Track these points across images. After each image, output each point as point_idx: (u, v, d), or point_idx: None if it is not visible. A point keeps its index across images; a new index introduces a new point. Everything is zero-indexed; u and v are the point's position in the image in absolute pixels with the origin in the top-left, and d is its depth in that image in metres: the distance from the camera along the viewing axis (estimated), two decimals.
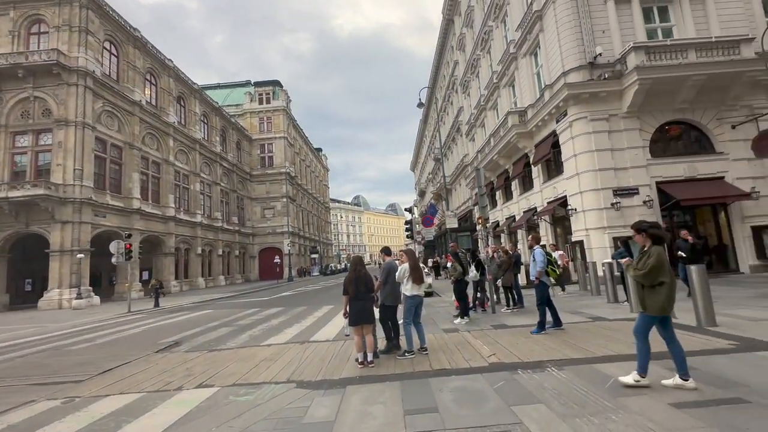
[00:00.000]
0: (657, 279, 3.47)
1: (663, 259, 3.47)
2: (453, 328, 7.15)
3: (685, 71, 12.21)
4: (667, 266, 3.48)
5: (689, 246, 7.94)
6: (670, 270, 3.50)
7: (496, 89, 21.12)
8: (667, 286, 3.45)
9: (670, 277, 3.46)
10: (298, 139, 60.35)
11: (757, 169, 12.96)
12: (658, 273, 3.46)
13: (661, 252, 3.54)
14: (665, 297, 3.45)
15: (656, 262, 3.46)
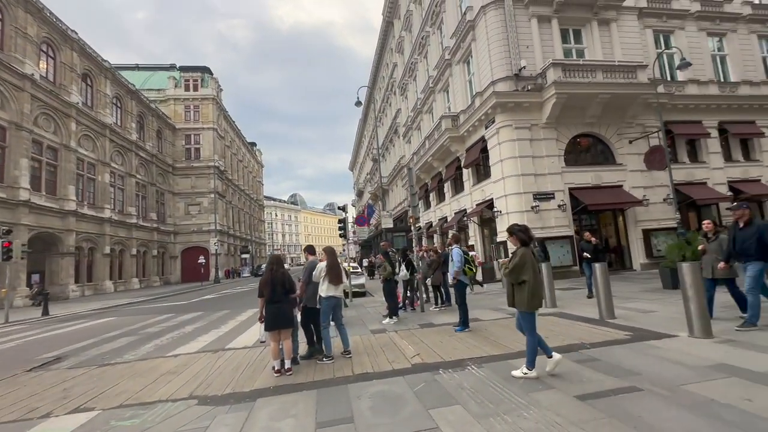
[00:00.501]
0: (520, 277, 3.79)
1: (526, 260, 3.80)
2: (381, 329, 7.01)
3: (593, 89, 13.59)
4: (530, 266, 3.79)
5: (592, 247, 8.73)
6: (534, 270, 3.80)
7: (432, 93, 21.72)
8: (528, 284, 3.74)
9: (532, 276, 3.76)
10: (229, 131, 56.63)
11: (647, 179, 14.87)
12: (521, 272, 3.78)
13: (526, 253, 3.85)
14: (528, 294, 3.73)
15: (519, 261, 3.80)
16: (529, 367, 3.74)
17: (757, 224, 5.07)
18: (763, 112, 16.72)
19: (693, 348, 4.25)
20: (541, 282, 4.07)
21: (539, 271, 4.04)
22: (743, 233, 5.08)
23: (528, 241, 3.95)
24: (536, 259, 3.97)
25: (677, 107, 15.65)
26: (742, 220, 5.18)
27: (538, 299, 3.79)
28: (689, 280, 4.67)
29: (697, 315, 4.64)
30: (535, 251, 4.11)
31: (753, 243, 4.92)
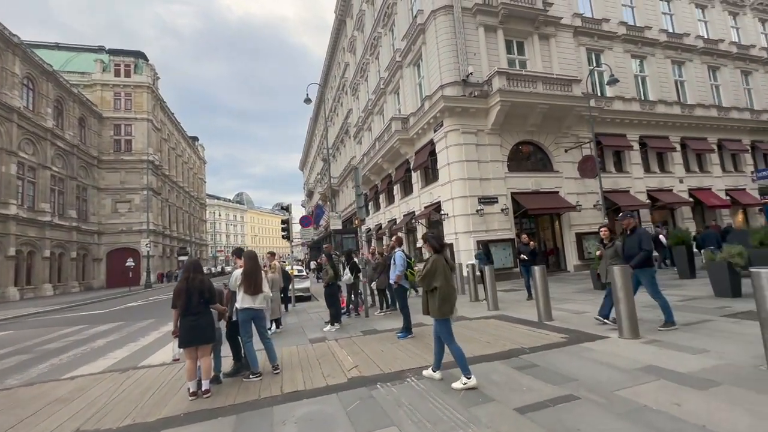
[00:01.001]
0: (431, 284, 3.77)
1: (437, 266, 3.80)
2: (321, 337, 6.57)
3: (534, 99, 14.25)
4: (442, 273, 3.78)
5: (529, 249, 9.01)
6: (446, 276, 3.79)
7: (383, 95, 21.62)
8: (439, 291, 3.72)
9: (443, 283, 3.74)
10: (167, 123, 52.43)
11: (580, 186, 15.91)
12: (432, 278, 3.77)
13: (437, 260, 3.84)
14: (439, 300, 3.71)
15: (430, 268, 3.80)
16: (467, 375, 3.61)
17: (638, 231, 5.42)
18: (675, 129, 18.71)
19: (623, 349, 4.36)
20: (454, 288, 3.89)
21: (452, 277, 3.97)
22: (630, 240, 5.42)
23: (440, 249, 3.94)
24: (448, 266, 3.91)
25: (606, 121, 16.98)
26: (629, 228, 5.51)
27: (449, 306, 3.75)
28: (619, 282, 4.82)
29: (626, 316, 4.80)
30: (448, 259, 4.02)
31: (637, 249, 5.23)
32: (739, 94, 21.04)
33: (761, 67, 22.02)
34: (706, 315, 5.72)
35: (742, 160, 20.74)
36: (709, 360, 3.76)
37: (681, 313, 6.03)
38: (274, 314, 7.46)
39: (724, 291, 7.06)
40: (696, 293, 7.79)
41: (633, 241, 5.35)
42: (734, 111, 20.42)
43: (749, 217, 20.52)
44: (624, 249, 5.49)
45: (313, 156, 56.26)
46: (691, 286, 8.80)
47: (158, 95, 47.37)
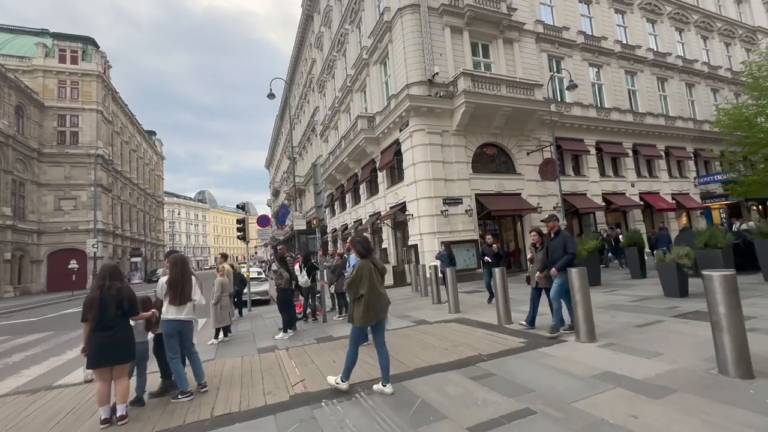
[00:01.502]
0: (357, 291, 3.62)
1: (362, 273, 3.63)
2: (271, 346, 6.09)
3: (498, 101, 14.39)
4: (368, 280, 3.61)
5: (494, 252, 8.97)
6: (372, 284, 3.63)
7: (350, 93, 21.20)
8: (364, 299, 3.59)
9: (368, 291, 3.60)
10: (120, 116, 49.13)
11: (541, 189, 16.28)
12: (357, 286, 3.63)
13: (363, 266, 3.68)
14: (363, 309, 3.59)
15: (356, 275, 3.65)
16: (343, 379, 3.68)
17: (562, 235, 5.37)
18: (628, 136, 19.66)
19: (580, 354, 4.25)
20: (380, 296, 3.70)
21: (380, 282, 3.79)
22: (553, 243, 5.36)
23: (366, 254, 3.77)
24: (377, 271, 3.75)
25: (565, 125, 17.51)
26: (553, 231, 5.47)
27: (372, 314, 3.63)
28: (577, 284, 4.74)
29: (583, 319, 4.73)
30: (377, 263, 3.86)
31: (560, 252, 5.19)
32: (683, 104, 22.48)
33: (703, 80, 23.67)
34: (657, 315, 5.81)
35: (686, 167, 22.16)
36: (662, 364, 3.70)
37: (635, 313, 6.11)
38: (223, 321, 6.91)
39: (672, 291, 7.28)
40: (647, 293, 8.02)
41: (557, 245, 5.28)
42: (679, 120, 21.79)
43: (692, 219, 21.95)
44: (548, 252, 5.38)
45: (280, 154, 54.73)
46: (641, 286, 9.09)
47: (110, 85, 44.27)
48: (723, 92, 24.26)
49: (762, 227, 8.42)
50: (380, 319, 3.75)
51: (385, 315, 3.82)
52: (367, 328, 3.78)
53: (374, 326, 3.77)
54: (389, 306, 3.91)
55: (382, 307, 3.71)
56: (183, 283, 3.99)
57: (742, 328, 3.27)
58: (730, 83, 24.52)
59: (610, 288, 9.22)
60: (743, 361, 3.26)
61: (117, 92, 47.10)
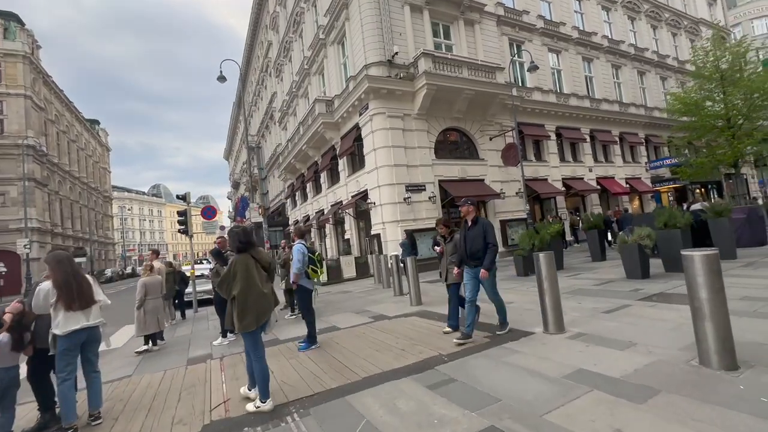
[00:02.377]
0: (230, 292, 3.14)
1: (236, 270, 3.17)
2: (205, 355, 5.27)
3: (460, 84, 13.94)
4: (243, 279, 3.14)
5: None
6: (249, 282, 3.16)
7: (307, 76, 20.05)
8: (237, 300, 3.11)
9: (244, 290, 3.12)
10: (54, 102, 44.56)
11: (504, 174, 16.16)
12: (230, 285, 3.16)
13: (238, 262, 3.21)
14: (238, 312, 3.10)
15: (227, 273, 3.21)
16: (263, 399, 3.13)
17: (481, 222, 4.51)
18: (585, 121, 20.00)
19: (550, 349, 3.80)
20: (261, 297, 3.20)
21: (262, 280, 3.27)
22: (471, 233, 4.48)
23: (243, 247, 3.25)
24: (259, 267, 3.27)
25: (527, 110, 17.45)
26: (470, 218, 4.57)
27: (251, 318, 3.11)
28: (545, 271, 4.30)
29: (551, 308, 4.30)
30: (261, 258, 3.37)
31: (480, 243, 4.39)
32: (636, 92, 23.24)
33: (653, 68, 24.58)
34: (624, 299, 5.55)
35: (638, 152, 23.02)
36: (639, 357, 3.30)
37: (601, 298, 5.84)
38: (149, 328, 5.96)
39: (635, 273, 7.15)
40: (609, 276, 7.89)
41: (476, 234, 4.42)
42: (632, 107, 22.50)
43: (644, 203, 22.92)
44: (466, 243, 4.50)
45: (239, 144, 52.07)
46: (603, 269, 9.02)
47: (39, 67, 39.91)
48: (670, 81, 25.36)
49: (716, 206, 8.54)
50: (264, 323, 3.26)
51: (269, 317, 3.31)
52: (260, 332, 3.26)
53: (250, 333, 3.26)
54: (276, 307, 3.43)
55: (264, 309, 3.19)
56: (78, 282, 3.18)
57: (726, 314, 2.90)
58: (676, 72, 25.66)
59: (573, 272, 9.08)
60: (727, 351, 2.89)
61: (49, 76, 42.61)
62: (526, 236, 9.67)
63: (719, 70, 13.51)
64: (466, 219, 4.58)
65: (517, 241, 11.04)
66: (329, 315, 7.26)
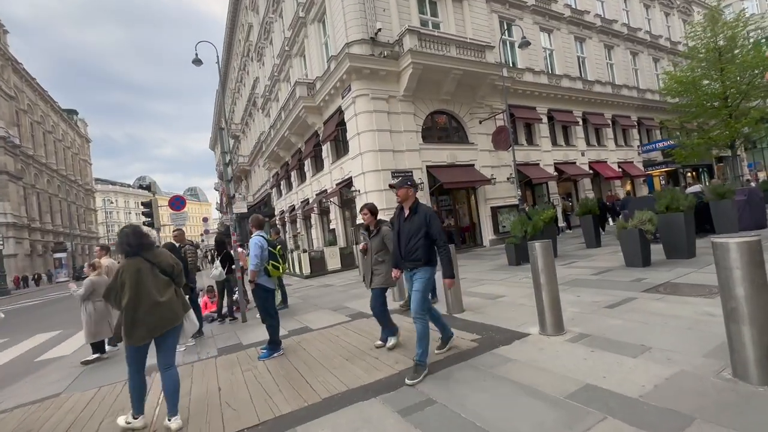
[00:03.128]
0: (119, 303, 2.75)
1: (124, 278, 2.73)
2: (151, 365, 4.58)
3: (448, 63, 13.15)
4: (132, 287, 2.71)
5: None
6: (139, 292, 2.72)
7: (288, 58, 19.02)
8: (125, 311, 2.71)
9: (130, 300, 2.70)
10: (27, 91, 42.55)
11: (495, 159, 15.52)
12: (119, 295, 2.75)
13: (126, 268, 2.76)
14: (128, 323, 2.70)
15: (113, 281, 2.80)
16: (135, 412, 2.85)
17: (423, 212, 3.30)
18: (578, 104, 19.40)
19: (549, 356, 3.20)
20: (154, 307, 2.76)
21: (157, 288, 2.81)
22: (409, 226, 3.30)
23: (133, 250, 2.81)
24: (155, 273, 2.81)
25: (518, 92, 16.74)
26: (407, 205, 3.36)
27: (143, 331, 2.71)
28: (541, 262, 3.68)
29: (549, 306, 3.70)
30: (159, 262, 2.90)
31: (421, 240, 3.21)
32: (628, 73, 22.65)
33: (645, 49, 23.97)
34: (626, 291, 4.99)
35: (630, 135, 22.56)
36: (657, 367, 2.72)
37: (601, 290, 5.27)
38: (98, 335, 5.27)
39: (635, 260, 6.61)
40: (607, 264, 7.36)
41: (414, 228, 3.25)
42: (625, 89, 21.94)
43: (636, 187, 22.57)
44: (400, 239, 3.34)
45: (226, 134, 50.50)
46: (600, 256, 8.50)
47: (8, 54, 37.86)
48: (663, 62, 24.80)
49: (718, 188, 8.03)
50: (162, 335, 2.82)
51: (170, 328, 2.84)
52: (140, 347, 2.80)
53: (157, 343, 2.86)
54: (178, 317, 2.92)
55: (160, 321, 2.77)
56: None
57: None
58: (669, 53, 25.10)
59: (568, 259, 8.55)
60: None
61: (19, 63, 40.48)
62: (518, 223, 9.09)
63: (717, 46, 12.94)
64: (402, 206, 3.39)
65: (509, 228, 10.46)
66: (304, 313, 6.62)
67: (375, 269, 3.96)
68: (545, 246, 3.71)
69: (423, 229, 3.24)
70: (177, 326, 2.90)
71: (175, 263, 3.01)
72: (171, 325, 2.83)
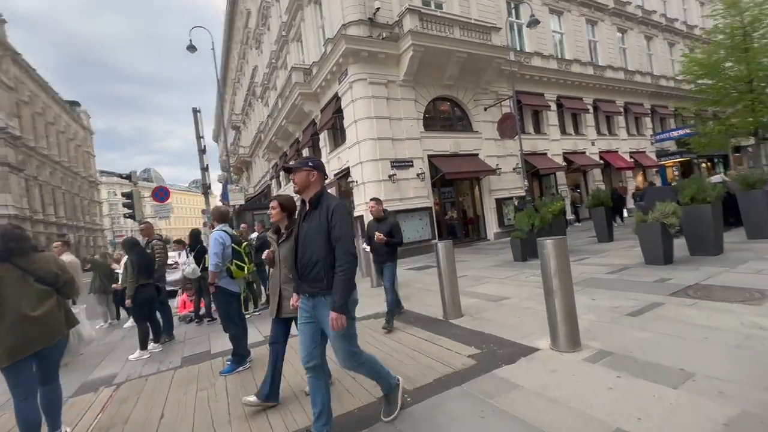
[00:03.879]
0: None
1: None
2: (109, 376, 4.04)
3: (451, 45, 12.35)
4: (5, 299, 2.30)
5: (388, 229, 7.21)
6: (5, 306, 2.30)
7: (285, 44, 18.26)
8: None
9: None
10: (28, 83, 42.18)
11: (500, 149, 14.75)
12: None
13: None
14: None
15: None
16: None
17: (326, 204, 2.22)
18: (588, 90, 18.46)
19: (563, 382, 2.58)
20: (24, 321, 2.32)
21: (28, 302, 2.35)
22: (307, 227, 2.26)
23: (5, 255, 2.37)
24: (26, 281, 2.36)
25: (525, 78, 15.88)
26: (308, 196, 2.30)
27: (8, 349, 2.26)
28: (554, 264, 3.03)
29: (563, 316, 3.06)
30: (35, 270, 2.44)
31: (321, 251, 2.15)
32: (642, 58, 21.58)
33: (660, 33, 22.82)
34: (650, 294, 4.33)
35: (643, 124, 21.56)
36: (708, 404, 2.08)
37: (620, 292, 4.61)
38: None
39: (655, 257, 5.92)
40: (623, 260, 6.68)
41: (314, 227, 2.21)
42: (638, 75, 20.90)
43: (648, 178, 21.64)
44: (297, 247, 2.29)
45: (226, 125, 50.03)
46: (613, 251, 7.81)
47: (6, 44, 37.40)
48: (678, 46, 23.64)
49: (746, 176, 7.26)
50: (39, 353, 2.40)
51: (47, 346, 2.42)
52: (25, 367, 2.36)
53: (36, 360, 2.45)
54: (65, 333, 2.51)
55: (27, 338, 2.33)
56: None
57: None
58: (685, 37, 23.91)
59: (578, 255, 7.87)
60: None
61: (18, 53, 40.03)
62: (525, 216, 8.41)
63: (743, 24, 11.98)
64: (303, 199, 2.34)
65: (514, 221, 9.77)
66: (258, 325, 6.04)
67: (284, 289, 2.74)
68: (558, 244, 3.06)
69: (323, 232, 2.13)
70: (59, 343, 2.49)
71: (60, 271, 2.53)
72: (47, 343, 2.40)
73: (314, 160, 2.38)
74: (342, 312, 2.04)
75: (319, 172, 2.34)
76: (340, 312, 2.04)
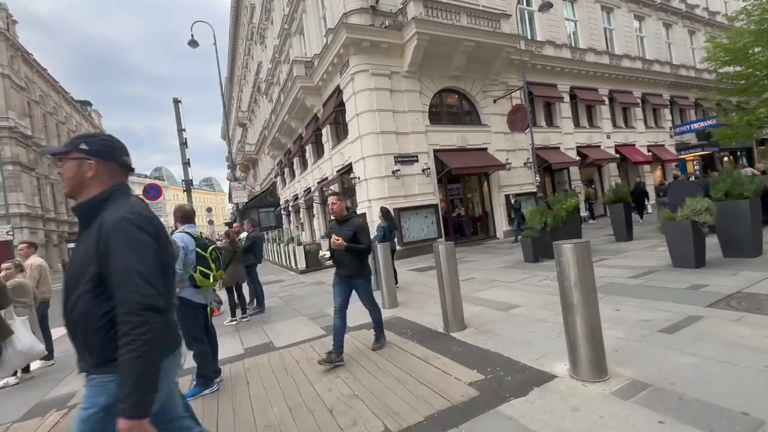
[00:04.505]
0: None
1: None
2: (69, 394, 3.61)
3: (458, 33, 11.70)
4: None
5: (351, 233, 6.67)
6: None
7: (287, 38, 17.79)
8: None
9: None
10: (38, 82, 42.66)
11: (510, 143, 14.07)
12: None
13: None
14: None
15: None
16: None
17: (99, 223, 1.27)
18: (604, 81, 17.58)
19: (587, 427, 2.02)
20: None
21: None
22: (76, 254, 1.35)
23: None
24: None
25: (536, 68, 15.13)
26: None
27: None
28: (574, 274, 2.48)
29: (585, 337, 2.50)
30: None
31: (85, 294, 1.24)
32: (661, 47, 20.54)
33: (680, 20, 21.71)
34: (685, 305, 3.72)
35: (661, 116, 20.56)
36: None
37: (648, 301, 4.00)
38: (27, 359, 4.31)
39: (686, 259, 5.28)
40: (646, 262, 6.04)
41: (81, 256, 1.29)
42: (656, 64, 19.90)
43: (666, 173, 20.64)
44: None
45: (233, 122, 50.04)
46: (634, 252, 7.16)
47: (17, 44, 37.81)
48: (699, 34, 22.48)
49: None
50: None
51: None
52: None
53: None
54: None
55: None
56: None
57: None
58: (706, 24, 22.74)
59: (596, 256, 7.21)
60: None
61: (29, 54, 40.46)
62: (537, 213, 7.80)
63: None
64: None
65: (525, 218, 9.15)
66: (278, 320, 5.58)
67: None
68: (580, 249, 2.50)
69: (92, 263, 1.24)
70: None
71: None
72: None
73: (91, 139, 1.39)
74: (137, 417, 1.11)
75: (101, 159, 1.36)
76: (131, 418, 1.10)
